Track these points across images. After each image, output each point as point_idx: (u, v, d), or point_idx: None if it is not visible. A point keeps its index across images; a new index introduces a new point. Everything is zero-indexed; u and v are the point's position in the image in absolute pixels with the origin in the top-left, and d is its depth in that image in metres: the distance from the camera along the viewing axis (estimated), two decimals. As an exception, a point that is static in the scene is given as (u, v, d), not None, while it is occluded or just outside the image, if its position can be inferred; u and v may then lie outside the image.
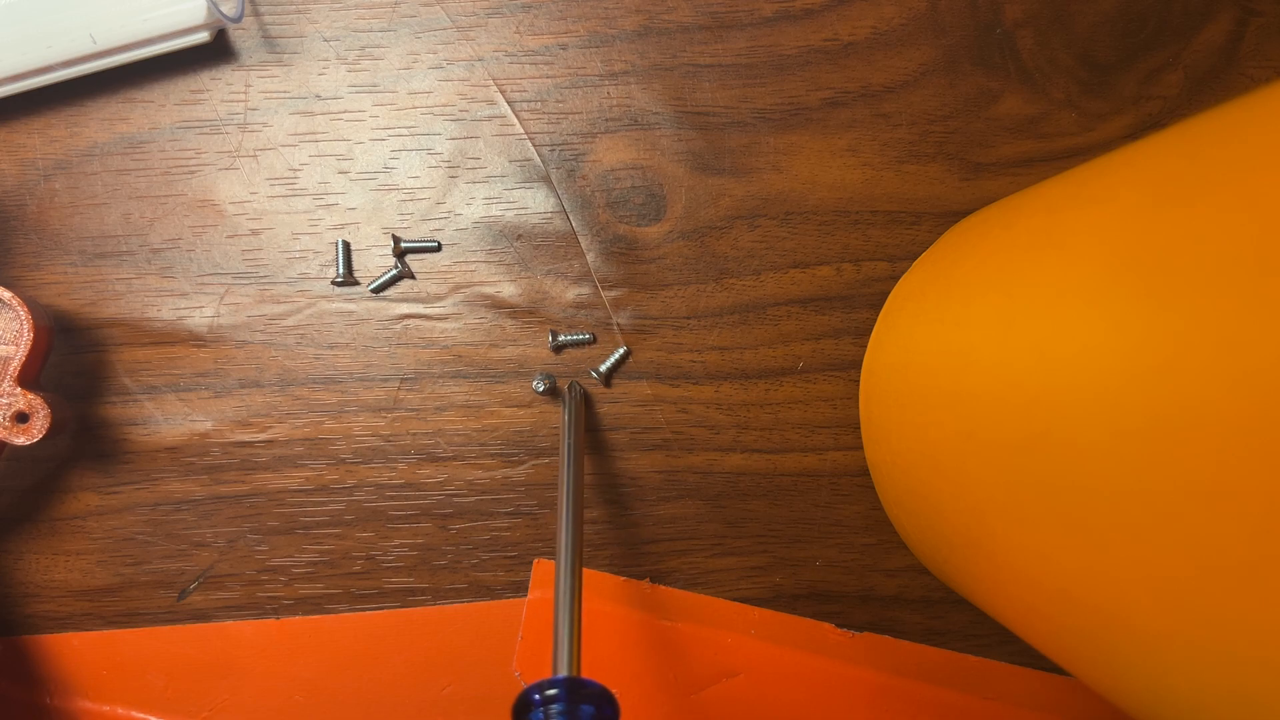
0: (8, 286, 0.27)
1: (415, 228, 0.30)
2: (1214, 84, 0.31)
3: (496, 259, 0.30)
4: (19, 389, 0.27)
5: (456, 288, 0.30)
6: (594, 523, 0.31)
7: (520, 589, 0.30)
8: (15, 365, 0.27)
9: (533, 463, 0.30)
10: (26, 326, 0.27)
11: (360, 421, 0.30)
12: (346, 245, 0.30)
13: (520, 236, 0.31)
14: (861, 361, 0.31)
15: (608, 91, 0.31)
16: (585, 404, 0.30)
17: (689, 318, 0.31)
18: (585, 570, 0.30)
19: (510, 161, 0.30)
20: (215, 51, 0.30)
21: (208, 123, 0.30)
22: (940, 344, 0.24)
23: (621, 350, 0.30)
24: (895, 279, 0.31)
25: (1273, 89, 0.16)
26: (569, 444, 0.26)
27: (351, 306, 0.30)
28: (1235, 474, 0.13)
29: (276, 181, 0.30)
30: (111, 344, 0.30)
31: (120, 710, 0.30)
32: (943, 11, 0.31)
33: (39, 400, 0.27)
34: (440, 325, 0.30)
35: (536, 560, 0.30)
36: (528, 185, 0.31)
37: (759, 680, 0.30)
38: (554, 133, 0.31)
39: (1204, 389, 0.14)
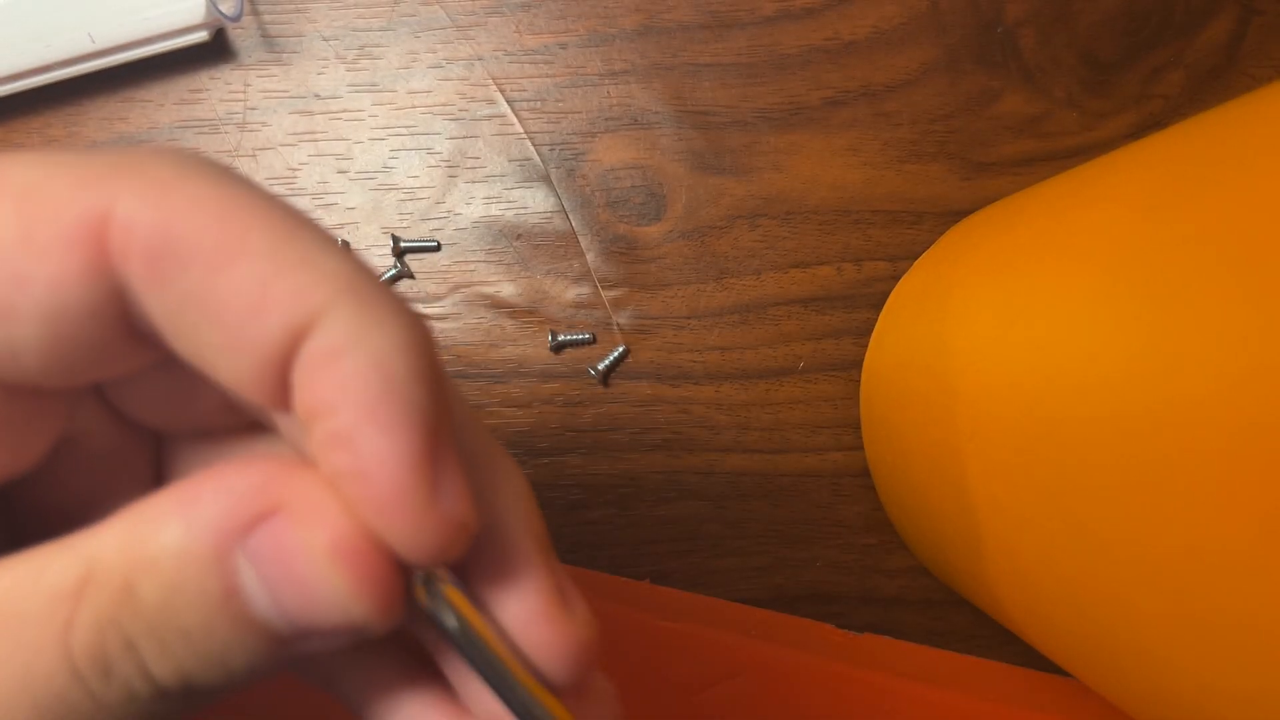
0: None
1: (414, 227, 0.30)
2: (1216, 83, 0.31)
3: (496, 259, 0.30)
4: None
5: (456, 287, 0.30)
6: (594, 523, 0.31)
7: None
8: None
9: (533, 463, 0.30)
10: None
11: (360, 422, 0.30)
12: (346, 245, 0.30)
13: (520, 236, 0.30)
14: (862, 362, 0.31)
15: (607, 91, 0.30)
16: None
17: (689, 317, 0.31)
18: (585, 571, 0.30)
19: (510, 161, 0.30)
20: (214, 51, 0.30)
21: (207, 122, 0.30)
22: (941, 344, 0.24)
23: (620, 349, 0.30)
24: (896, 279, 0.31)
25: (1274, 89, 0.16)
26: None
27: (351, 306, 0.30)
28: (1237, 474, 0.13)
29: (275, 181, 0.30)
30: (110, 344, 0.30)
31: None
32: (944, 10, 0.31)
33: None
34: (439, 325, 0.30)
35: (536, 561, 0.30)
36: (527, 185, 0.30)
37: (760, 681, 0.30)
38: (554, 132, 0.30)
39: (1206, 389, 0.14)
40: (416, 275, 0.30)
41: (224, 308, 0.10)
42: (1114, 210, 0.18)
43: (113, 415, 0.14)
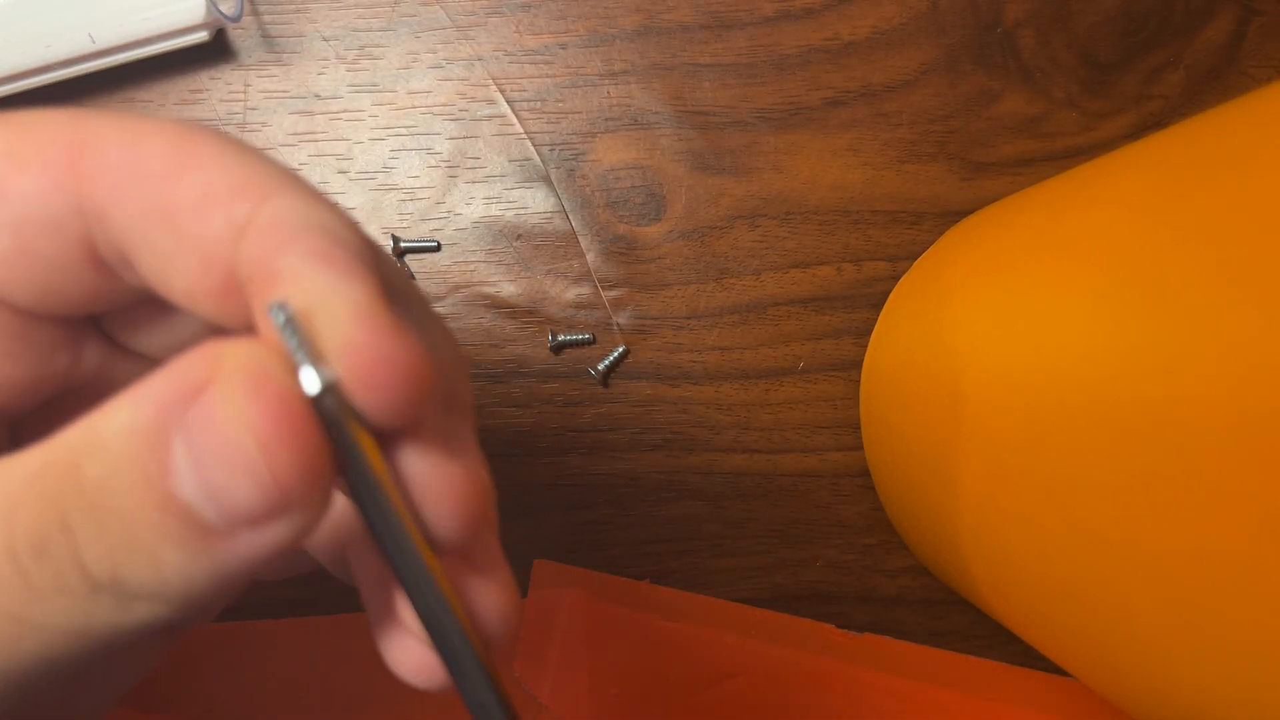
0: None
1: (415, 227, 0.30)
2: (1215, 83, 0.31)
3: (496, 259, 0.30)
4: None
5: (456, 288, 0.30)
6: (594, 523, 0.31)
7: (520, 589, 0.30)
8: None
9: (533, 463, 0.30)
10: None
11: (360, 422, 0.30)
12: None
13: (520, 236, 0.30)
14: (862, 362, 0.31)
15: (607, 91, 0.30)
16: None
17: (689, 318, 0.31)
18: (586, 571, 0.30)
19: (510, 161, 0.30)
20: (214, 51, 0.30)
21: (207, 122, 0.30)
22: (941, 344, 0.24)
23: (620, 349, 0.30)
24: (896, 279, 0.31)
25: (1273, 89, 0.16)
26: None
27: (351, 306, 0.30)
28: (1235, 474, 0.13)
29: (276, 181, 0.30)
30: (111, 344, 0.30)
31: (121, 710, 0.30)
32: (943, 11, 0.31)
33: None
34: (440, 325, 0.30)
35: (536, 561, 0.30)
36: (527, 185, 0.30)
37: (760, 681, 0.30)
38: (554, 132, 0.30)
39: (1205, 389, 0.14)
40: (417, 275, 0.30)
41: (174, 211, 0.12)
42: (1113, 210, 0.18)
43: (127, 353, 0.15)
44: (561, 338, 0.30)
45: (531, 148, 0.30)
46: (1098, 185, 0.20)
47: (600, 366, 0.30)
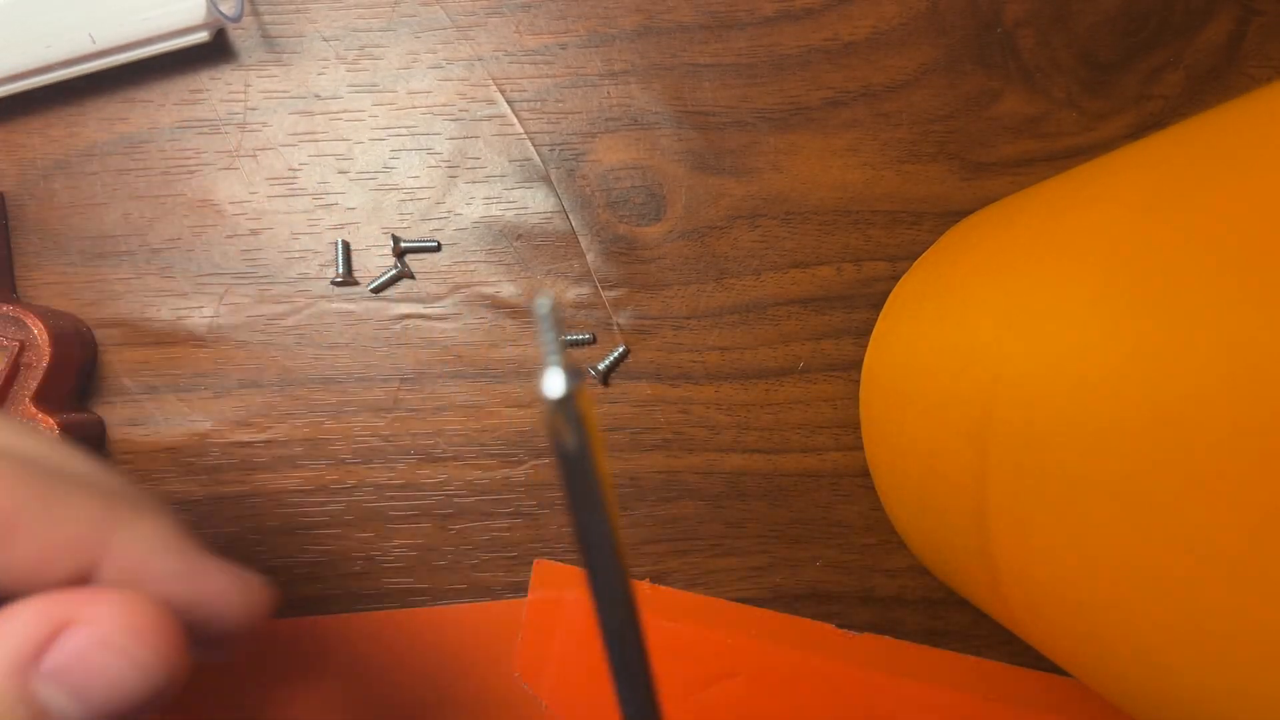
0: (13, 290, 0.27)
1: (415, 227, 0.30)
2: (1215, 83, 0.31)
3: (496, 259, 0.30)
4: (35, 410, 0.27)
5: (456, 288, 0.30)
6: (594, 523, 0.31)
7: (520, 589, 0.30)
8: (34, 385, 0.27)
9: (533, 463, 0.30)
10: (45, 346, 0.27)
11: (360, 421, 0.30)
12: (346, 245, 0.30)
13: (520, 236, 0.30)
14: (862, 361, 0.31)
15: (607, 91, 0.30)
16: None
17: (689, 318, 0.31)
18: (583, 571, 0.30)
19: (510, 161, 0.30)
20: (215, 51, 0.30)
21: (207, 122, 0.30)
22: (941, 344, 0.24)
23: (620, 349, 0.30)
24: (896, 279, 0.31)
25: (1273, 89, 0.16)
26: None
27: (351, 306, 0.30)
28: (1235, 473, 0.13)
29: (276, 181, 0.30)
30: (111, 344, 0.30)
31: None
32: (943, 11, 0.31)
33: (52, 422, 0.27)
34: (440, 325, 0.30)
35: (536, 561, 0.30)
36: (527, 185, 0.30)
37: (759, 681, 0.30)
38: (554, 132, 0.30)
39: (1204, 388, 0.14)
40: (417, 275, 0.30)
41: (14, 569, 0.13)
42: (1113, 210, 0.18)
43: None
44: (562, 338, 0.30)
45: (531, 148, 0.30)
46: (1098, 185, 0.20)
47: (600, 366, 0.30)
